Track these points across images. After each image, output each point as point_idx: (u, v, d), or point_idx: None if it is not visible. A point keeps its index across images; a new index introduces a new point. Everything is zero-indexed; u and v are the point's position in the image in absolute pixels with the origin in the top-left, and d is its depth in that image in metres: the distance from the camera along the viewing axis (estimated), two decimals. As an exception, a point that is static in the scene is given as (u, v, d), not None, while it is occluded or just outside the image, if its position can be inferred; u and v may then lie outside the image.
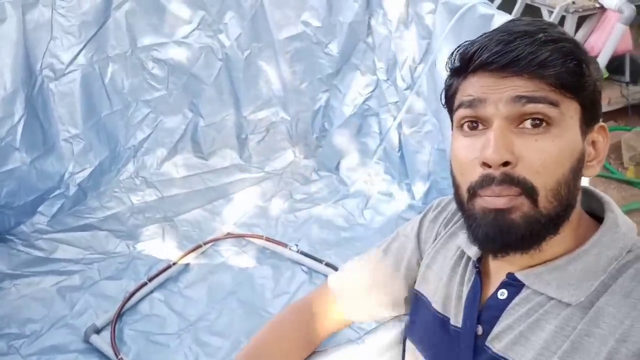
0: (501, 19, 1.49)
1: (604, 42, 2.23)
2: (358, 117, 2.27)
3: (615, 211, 0.56)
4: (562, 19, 2.34)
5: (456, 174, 0.56)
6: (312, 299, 0.78)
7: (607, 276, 0.52)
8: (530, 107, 0.51)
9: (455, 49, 0.56)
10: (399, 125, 2.10)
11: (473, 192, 0.53)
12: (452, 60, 0.57)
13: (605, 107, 2.59)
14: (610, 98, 2.59)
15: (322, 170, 2.33)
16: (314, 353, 0.74)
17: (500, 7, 2.57)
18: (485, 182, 0.52)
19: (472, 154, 0.53)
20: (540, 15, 2.42)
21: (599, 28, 2.35)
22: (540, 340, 0.53)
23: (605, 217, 0.56)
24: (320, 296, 0.77)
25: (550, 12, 2.32)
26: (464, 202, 0.55)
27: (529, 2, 2.45)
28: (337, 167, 2.31)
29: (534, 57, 0.50)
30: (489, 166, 0.51)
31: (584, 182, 0.57)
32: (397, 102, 2.12)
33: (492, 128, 0.52)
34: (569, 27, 2.33)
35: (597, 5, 2.28)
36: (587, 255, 0.54)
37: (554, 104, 0.51)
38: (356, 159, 2.29)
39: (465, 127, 0.55)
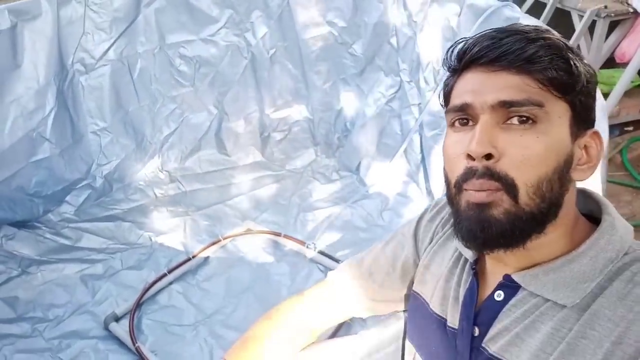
0: (526, 22, 1.47)
1: (636, 47, 2.18)
2: (380, 118, 2.27)
3: (612, 214, 0.56)
4: (593, 23, 2.28)
5: (446, 169, 0.57)
6: (311, 293, 0.79)
7: (603, 278, 0.52)
8: (514, 110, 0.52)
9: (450, 48, 0.58)
10: (421, 127, 2.09)
11: (459, 186, 0.54)
12: (448, 59, 0.58)
13: (636, 116, 2.52)
14: (642, 106, 2.51)
15: (343, 170, 2.34)
16: (312, 345, 0.75)
17: (530, 11, 2.54)
18: (468, 175, 0.53)
19: (459, 148, 0.54)
20: (571, 20, 2.37)
21: (632, 33, 2.29)
22: (536, 341, 0.53)
23: (602, 220, 0.56)
24: (320, 290, 0.79)
25: (581, 17, 2.27)
26: (452, 197, 0.56)
27: (559, 6, 2.41)
28: (357, 168, 2.31)
29: (522, 52, 0.51)
30: (473, 159, 0.52)
31: (590, 184, 0.57)
32: (419, 103, 2.11)
33: (478, 122, 0.53)
34: (599, 32, 2.28)
35: (630, 10, 2.22)
36: (583, 258, 0.53)
37: (537, 104, 0.51)
38: (377, 160, 2.28)
39: (457, 123, 0.56)
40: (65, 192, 2.06)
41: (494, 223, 0.52)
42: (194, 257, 1.87)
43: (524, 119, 0.52)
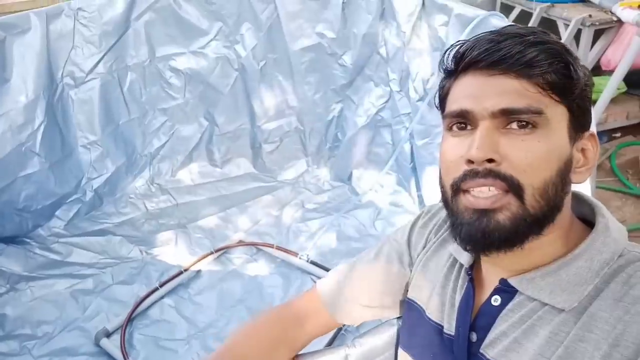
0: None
1: (621, 55, 2.21)
2: (371, 128, 2.28)
3: (606, 215, 0.56)
4: (579, 32, 2.32)
5: (443, 173, 0.57)
6: (298, 303, 0.77)
7: (599, 281, 0.52)
8: (514, 117, 0.52)
9: (447, 50, 0.58)
10: (411, 136, 2.10)
11: (456, 187, 0.54)
12: (445, 61, 0.58)
13: (623, 122, 2.55)
14: (629, 112, 2.55)
15: (335, 180, 2.34)
16: (304, 355, 0.74)
17: (516, 20, 2.58)
18: (469, 175, 0.52)
19: (458, 152, 0.54)
20: (557, 29, 2.41)
21: (616, 41, 2.32)
22: (534, 346, 0.53)
23: (597, 222, 0.56)
24: (308, 300, 0.77)
25: (567, 25, 2.30)
26: (449, 200, 0.56)
27: (545, 16, 2.44)
28: (349, 178, 2.31)
29: (522, 56, 0.51)
30: (473, 163, 0.52)
31: (581, 187, 0.57)
32: (409, 113, 2.12)
33: (478, 128, 0.53)
34: (585, 41, 2.31)
35: (614, 18, 2.26)
36: (579, 260, 0.54)
37: (537, 112, 0.51)
38: (368, 170, 2.29)
39: (454, 127, 0.56)
40: (55, 206, 2.04)
41: (498, 229, 0.51)
42: (185, 270, 1.85)
43: (524, 123, 0.52)
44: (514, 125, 0.52)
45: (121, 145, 2.19)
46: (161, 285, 1.78)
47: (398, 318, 0.74)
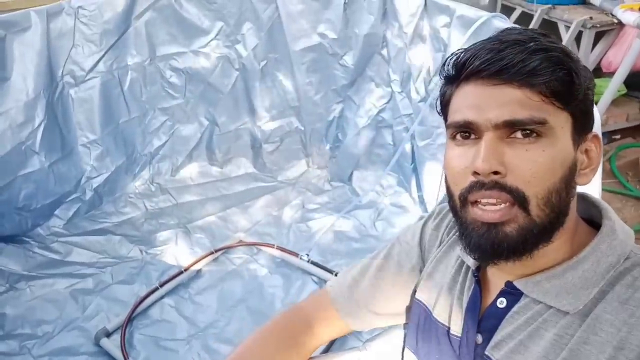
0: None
1: (622, 57, 2.22)
2: (372, 129, 2.28)
3: (612, 218, 0.56)
4: (579, 34, 2.32)
5: (449, 182, 0.57)
6: (308, 306, 0.77)
7: (604, 283, 0.52)
8: (518, 127, 0.52)
9: (448, 57, 0.57)
10: (412, 137, 2.10)
11: (464, 199, 0.54)
12: (446, 68, 0.57)
13: (623, 124, 2.56)
14: (629, 114, 2.55)
15: (335, 180, 2.34)
16: (316, 358, 0.73)
17: (517, 22, 2.58)
18: (475, 187, 0.52)
19: (464, 162, 0.54)
20: (558, 31, 2.41)
21: (617, 43, 2.33)
22: (539, 348, 0.53)
23: (603, 225, 0.56)
24: (319, 303, 0.76)
25: (567, 27, 2.31)
26: (457, 209, 0.56)
27: (546, 17, 2.45)
28: (349, 178, 2.31)
29: (524, 65, 0.51)
30: (479, 174, 0.52)
31: (589, 188, 0.57)
32: (411, 114, 2.12)
33: (483, 139, 0.53)
34: (586, 43, 2.32)
35: (615, 21, 2.27)
36: (585, 263, 0.54)
37: (540, 123, 0.51)
38: (369, 170, 2.29)
39: (458, 136, 0.56)
40: (55, 205, 2.03)
41: (506, 240, 0.52)
42: (186, 270, 1.85)
43: (528, 132, 0.52)
44: (518, 134, 0.52)
45: (121, 145, 2.19)
46: (161, 285, 1.77)
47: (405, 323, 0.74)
